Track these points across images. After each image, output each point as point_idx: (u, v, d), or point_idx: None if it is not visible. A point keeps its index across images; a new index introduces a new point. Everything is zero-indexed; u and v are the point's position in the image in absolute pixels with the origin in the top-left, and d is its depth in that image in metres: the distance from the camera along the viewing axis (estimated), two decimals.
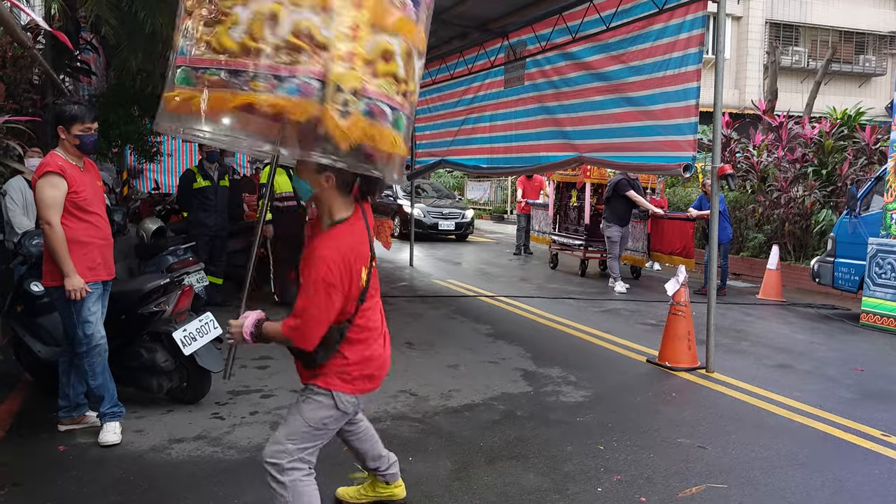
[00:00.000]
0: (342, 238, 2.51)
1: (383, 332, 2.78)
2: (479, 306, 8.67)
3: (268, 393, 4.98)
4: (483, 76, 9.69)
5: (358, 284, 2.53)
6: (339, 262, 2.44)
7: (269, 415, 4.54)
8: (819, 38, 25.66)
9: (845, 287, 8.74)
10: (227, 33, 2.16)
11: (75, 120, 3.85)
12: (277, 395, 4.93)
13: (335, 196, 2.54)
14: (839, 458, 4.11)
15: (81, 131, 3.87)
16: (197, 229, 7.47)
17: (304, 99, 2.14)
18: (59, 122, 3.89)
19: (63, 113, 3.90)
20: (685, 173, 6.15)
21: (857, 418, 4.77)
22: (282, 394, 4.94)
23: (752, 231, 12.32)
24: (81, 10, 6.77)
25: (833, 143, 11.85)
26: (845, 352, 6.84)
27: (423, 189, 18.42)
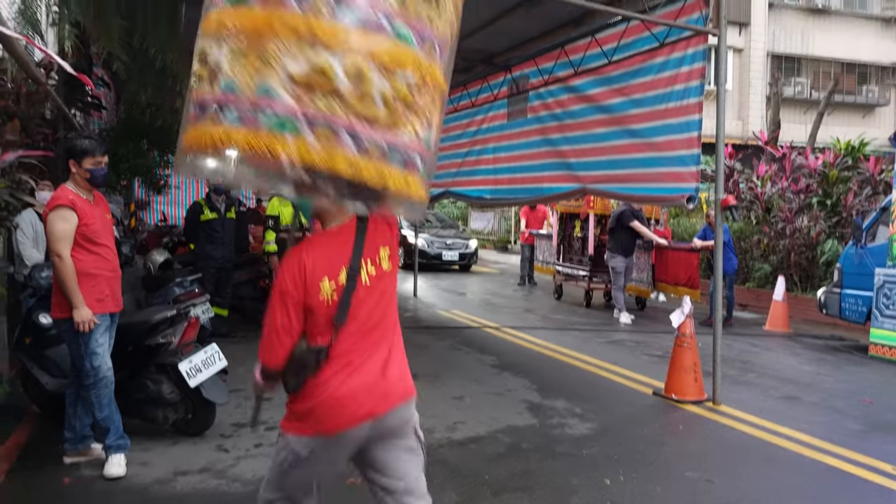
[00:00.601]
0: (306, 245, 2.33)
1: (360, 367, 2.35)
2: (484, 337, 8.67)
3: (273, 425, 4.96)
4: (486, 109, 9.81)
5: (318, 298, 2.26)
6: (293, 267, 2.26)
7: (273, 447, 4.52)
8: (821, 70, 25.90)
9: (853, 318, 8.71)
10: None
11: (86, 154, 3.92)
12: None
13: (330, 208, 2.33)
14: (848, 493, 4.07)
15: (92, 165, 3.94)
16: (203, 261, 7.52)
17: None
18: (70, 156, 3.96)
19: (74, 147, 3.97)
20: (688, 204, 6.18)
21: (866, 451, 4.73)
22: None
23: (757, 262, 12.32)
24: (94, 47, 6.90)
25: (837, 174, 11.90)
26: (853, 383, 6.80)
27: (426, 219, 18.49)
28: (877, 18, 26.29)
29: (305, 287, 2.26)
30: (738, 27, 24.66)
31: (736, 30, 24.51)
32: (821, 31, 25.82)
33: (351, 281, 2.32)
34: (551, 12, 7.10)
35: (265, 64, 1.93)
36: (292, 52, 1.92)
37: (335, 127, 1.94)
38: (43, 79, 5.80)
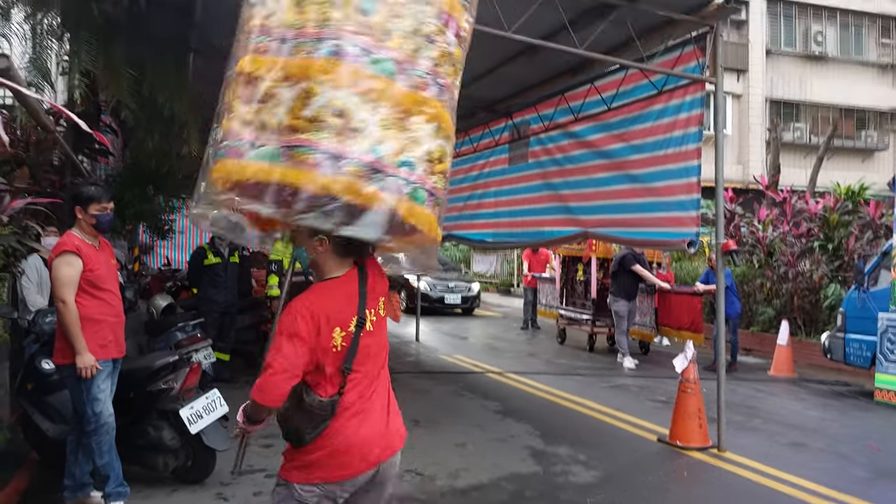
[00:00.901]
0: (317, 290, 2.41)
1: (369, 414, 2.44)
2: (486, 382, 8.62)
3: (272, 473, 4.91)
4: (488, 154, 9.94)
5: (330, 345, 2.35)
6: (305, 313, 2.32)
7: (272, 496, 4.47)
8: (820, 115, 26.18)
9: (857, 363, 8.65)
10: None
11: (92, 200, 3.98)
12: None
13: (329, 258, 2.43)
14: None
15: (97, 211, 3.99)
16: (207, 305, 7.54)
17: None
18: (76, 203, 4.02)
19: (80, 193, 4.04)
20: (689, 249, 6.22)
21: (873, 498, 4.67)
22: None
23: (760, 305, 12.29)
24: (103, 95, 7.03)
25: (838, 218, 11.96)
26: (859, 429, 6.72)
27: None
28: (873, 65, 26.69)
29: (319, 335, 2.33)
30: (737, 73, 25.05)
31: (734, 76, 24.90)
32: (818, 78, 26.20)
33: (358, 330, 2.41)
34: (551, 61, 7.24)
35: (413, 142, 2.25)
36: (430, 134, 2.28)
37: (437, 194, 2.38)
38: (52, 126, 5.91)
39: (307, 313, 2.33)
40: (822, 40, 26.15)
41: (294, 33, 2.23)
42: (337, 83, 2.16)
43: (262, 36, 2.29)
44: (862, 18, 26.75)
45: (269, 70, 2.22)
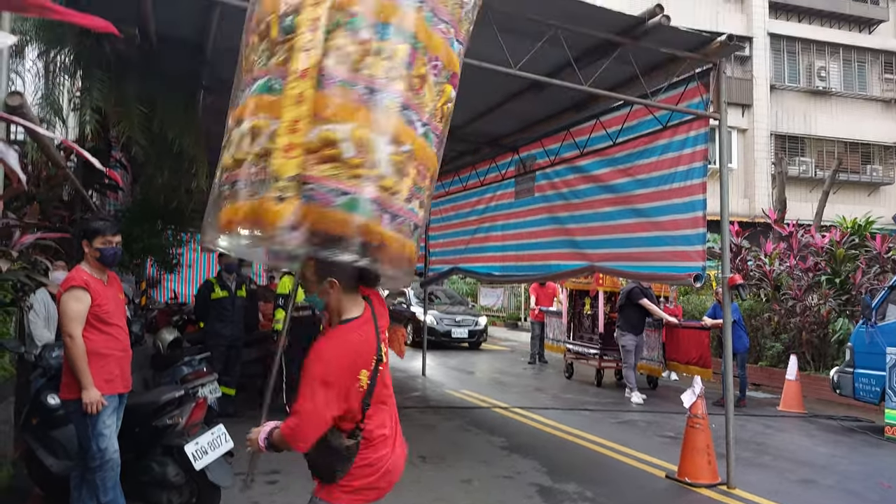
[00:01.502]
0: (344, 335, 2.50)
1: (393, 438, 2.65)
2: (493, 418, 8.54)
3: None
4: (495, 188, 10.00)
5: (357, 386, 2.46)
6: (336, 360, 2.42)
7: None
8: (825, 149, 26.26)
9: (867, 398, 8.56)
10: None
11: (97, 234, 4.02)
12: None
13: (343, 299, 2.54)
14: None
15: (102, 244, 4.02)
16: (213, 339, 7.54)
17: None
18: (83, 237, 4.07)
19: (87, 228, 4.09)
20: (695, 283, 6.21)
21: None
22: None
23: (769, 340, 12.20)
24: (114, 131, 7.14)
25: (845, 252, 11.92)
26: (870, 466, 6.62)
27: (436, 296, 18.50)
28: (877, 100, 26.85)
29: (350, 379, 2.46)
30: (741, 108, 25.23)
31: (739, 111, 25.08)
32: (822, 112, 26.35)
33: (377, 366, 2.56)
34: (556, 97, 7.32)
35: (418, 190, 2.51)
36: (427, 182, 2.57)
37: (415, 223, 2.53)
38: (63, 162, 5.99)
39: (340, 361, 2.43)
40: (826, 76, 26.37)
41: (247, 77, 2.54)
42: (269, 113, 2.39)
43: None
44: (865, 54, 27.00)
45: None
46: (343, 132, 2.29)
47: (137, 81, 6.42)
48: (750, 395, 10.33)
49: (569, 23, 5.45)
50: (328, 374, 2.40)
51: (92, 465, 3.89)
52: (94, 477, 3.90)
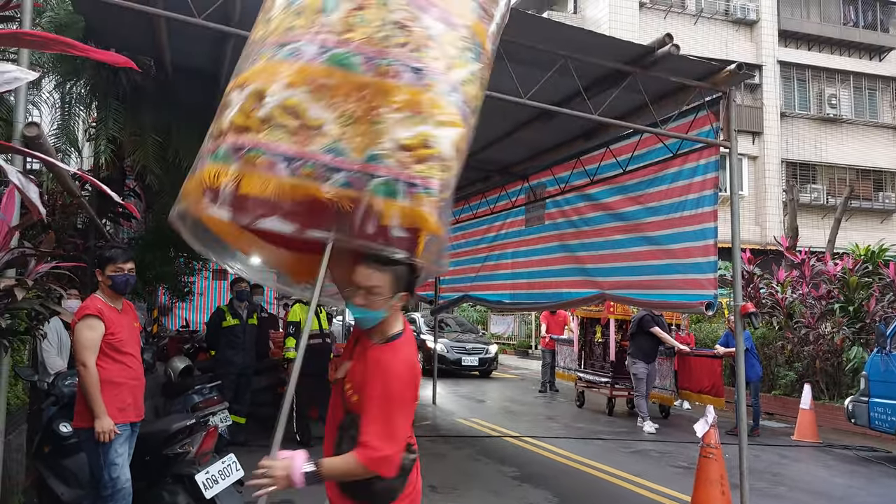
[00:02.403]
0: (406, 350, 2.38)
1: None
2: (504, 447, 8.47)
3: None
4: (504, 216, 10.03)
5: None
6: (410, 376, 2.33)
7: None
8: (836, 176, 26.20)
9: (883, 428, 8.43)
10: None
11: (109, 262, 4.06)
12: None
13: (398, 312, 2.42)
14: None
15: (114, 272, 4.06)
16: (224, 367, 7.55)
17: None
18: (97, 265, 4.11)
19: (100, 256, 4.14)
20: (707, 311, 6.17)
21: None
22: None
23: (782, 368, 12.07)
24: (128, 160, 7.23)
25: (858, 280, 11.83)
26: (888, 497, 6.51)
27: (446, 324, 18.47)
28: (888, 127, 26.83)
29: (416, 394, 2.42)
30: (752, 136, 25.26)
31: (749, 138, 25.11)
32: (833, 140, 26.34)
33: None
34: (566, 125, 7.36)
35: (378, 133, 2.11)
36: (403, 122, 2.12)
37: (425, 184, 2.13)
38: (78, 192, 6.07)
39: (413, 378, 2.35)
40: (837, 103, 26.40)
41: (259, 45, 2.29)
42: (289, 82, 2.12)
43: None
44: (875, 81, 27.04)
45: (233, 84, 2.29)
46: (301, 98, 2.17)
47: (153, 111, 6.53)
48: (763, 424, 10.20)
49: (578, 52, 5.51)
50: (406, 394, 2.32)
51: (104, 494, 3.88)
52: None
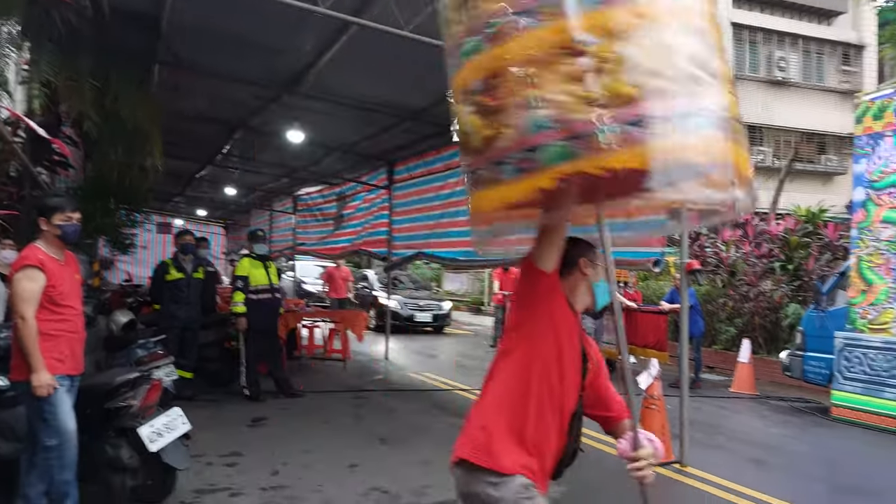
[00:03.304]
0: None
1: None
2: (455, 400, 8.59)
3: (237, 491, 4.84)
4: (459, 172, 9.97)
5: None
6: None
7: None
8: (782, 139, 26.81)
9: (816, 381, 8.82)
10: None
11: (56, 210, 3.89)
12: (247, 493, 4.79)
13: None
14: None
15: (62, 221, 3.89)
16: (168, 322, 7.42)
17: None
18: (40, 214, 3.92)
19: (44, 204, 3.95)
20: (654, 268, 6.30)
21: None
22: (251, 492, 4.79)
23: (723, 324, 12.47)
24: (64, 106, 6.91)
25: (798, 240, 12.21)
26: (818, 446, 6.84)
27: (399, 280, 18.48)
28: (833, 91, 27.46)
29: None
30: None
31: None
32: (781, 102, 26.87)
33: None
34: None
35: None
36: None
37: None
38: (9, 136, 5.79)
39: None
40: (786, 66, 26.88)
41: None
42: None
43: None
44: (823, 45, 27.56)
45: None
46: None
47: (89, 55, 6.21)
48: (704, 377, 10.55)
49: None
50: None
51: (47, 445, 3.78)
52: (49, 457, 3.80)
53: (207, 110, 8.93)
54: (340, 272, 15.44)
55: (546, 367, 2.23)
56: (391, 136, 9.95)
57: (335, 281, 15.16)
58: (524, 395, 2.20)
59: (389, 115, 8.87)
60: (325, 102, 8.29)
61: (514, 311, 2.35)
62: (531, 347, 2.23)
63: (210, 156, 12.13)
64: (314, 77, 7.21)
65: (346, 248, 13.95)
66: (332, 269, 15.66)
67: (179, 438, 4.58)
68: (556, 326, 2.27)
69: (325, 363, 11.16)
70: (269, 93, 8.09)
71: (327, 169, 12.87)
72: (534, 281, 2.22)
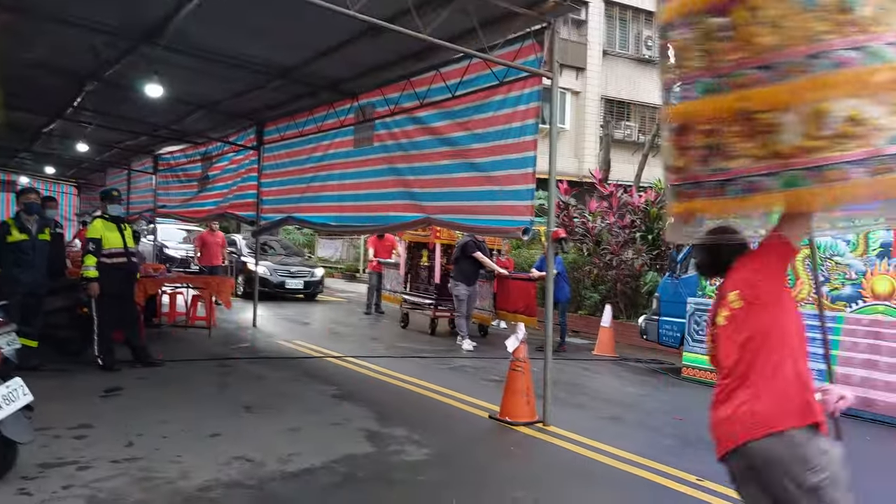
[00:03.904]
0: None
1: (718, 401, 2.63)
2: (325, 367, 8.50)
3: (85, 465, 4.54)
4: (333, 135, 9.75)
5: None
6: None
7: (85, 488, 4.13)
8: (647, 115, 28.28)
9: (669, 343, 9.47)
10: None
11: None
12: (96, 466, 4.51)
13: None
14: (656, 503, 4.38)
15: None
16: (10, 286, 6.79)
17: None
18: None
19: None
20: (523, 236, 6.47)
21: (676, 465, 5.11)
22: (101, 465, 4.52)
23: (588, 291, 13.10)
24: None
25: (658, 211, 12.96)
26: (669, 403, 7.36)
27: (269, 246, 17.96)
28: None
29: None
30: (576, 71, 26.42)
31: (574, 73, 26.25)
32: (647, 80, 28.23)
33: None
34: (395, 45, 7.19)
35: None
36: None
37: None
38: None
39: None
40: (652, 45, 28.22)
41: (778, 57, 2.21)
42: (847, 92, 2.13)
43: (738, 69, 2.28)
44: None
45: (762, 102, 2.22)
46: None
47: None
48: (570, 340, 11.05)
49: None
50: None
51: None
52: None
53: (52, 59, 8.18)
54: (215, 237, 14.25)
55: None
56: (260, 94, 9.56)
57: (209, 247, 14.02)
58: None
59: (258, 72, 8.50)
60: (187, 56, 7.82)
61: (765, 283, 2.50)
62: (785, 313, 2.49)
63: (59, 109, 11.18)
64: (175, 28, 6.76)
65: (211, 210, 13.35)
66: (205, 234, 14.49)
67: (21, 410, 4.24)
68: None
69: (188, 331, 10.71)
70: (123, 43, 7.51)
71: (191, 127, 12.22)
72: (788, 256, 2.56)
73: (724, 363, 2.53)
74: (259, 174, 11.57)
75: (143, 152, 15.58)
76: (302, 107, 10.22)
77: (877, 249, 7.21)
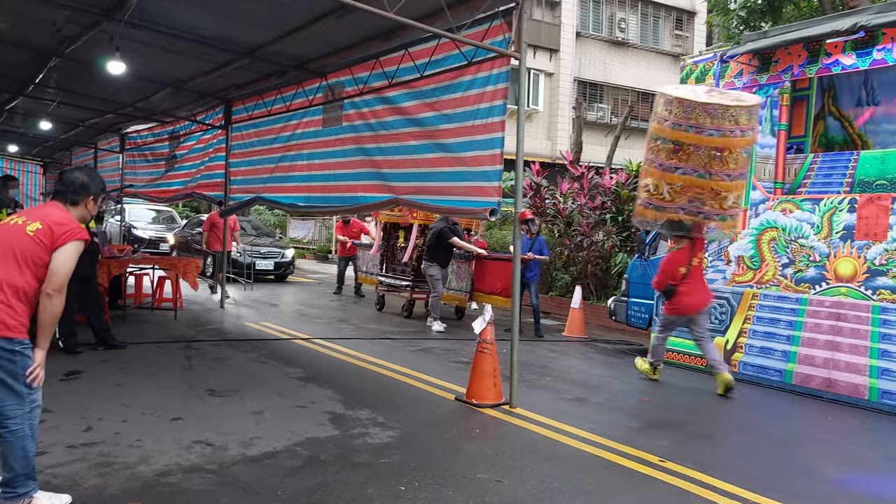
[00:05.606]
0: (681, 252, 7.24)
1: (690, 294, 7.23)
2: (292, 349, 8.44)
3: (41, 450, 4.41)
4: (301, 114, 9.62)
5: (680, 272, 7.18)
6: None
7: (39, 474, 4.04)
8: (620, 97, 28.36)
9: (637, 324, 9.54)
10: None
11: None
12: (52, 451, 4.43)
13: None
14: (620, 485, 4.41)
15: None
16: None
17: None
18: None
19: None
20: (491, 217, 6.45)
21: (640, 446, 5.16)
22: (57, 450, 4.44)
23: (559, 272, 13.15)
24: None
25: (628, 193, 13.02)
26: (635, 385, 7.43)
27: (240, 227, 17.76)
28: (667, 54, 29.30)
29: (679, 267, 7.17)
30: (550, 53, 26.36)
31: (547, 55, 26.20)
32: (620, 62, 28.30)
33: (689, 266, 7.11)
34: (364, 23, 7.09)
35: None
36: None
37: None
38: None
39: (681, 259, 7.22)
40: (625, 27, 28.23)
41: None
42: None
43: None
44: (660, 10, 29.20)
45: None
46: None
47: None
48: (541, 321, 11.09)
49: None
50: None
51: None
52: None
53: (12, 33, 7.93)
54: (229, 219, 12.73)
55: None
56: (227, 73, 9.38)
57: (219, 230, 13.00)
58: None
59: (224, 50, 8.33)
60: (151, 33, 7.64)
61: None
62: None
63: (21, 85, 10.88)
64: (137, 4, 6.58)
65: (179, 190, 13.15)
66: (213, 215, 13.36)
67: None
68: None
69: (154, 313, 10.57)
70: (85, 18, 7.30)
71: (157, 105, 11.97)
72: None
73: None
74: (227, 154, 11.39)
75: (110, 131, 15.27)
76: (270, 86, 10.06)
77: (840, 232, 7.31)
